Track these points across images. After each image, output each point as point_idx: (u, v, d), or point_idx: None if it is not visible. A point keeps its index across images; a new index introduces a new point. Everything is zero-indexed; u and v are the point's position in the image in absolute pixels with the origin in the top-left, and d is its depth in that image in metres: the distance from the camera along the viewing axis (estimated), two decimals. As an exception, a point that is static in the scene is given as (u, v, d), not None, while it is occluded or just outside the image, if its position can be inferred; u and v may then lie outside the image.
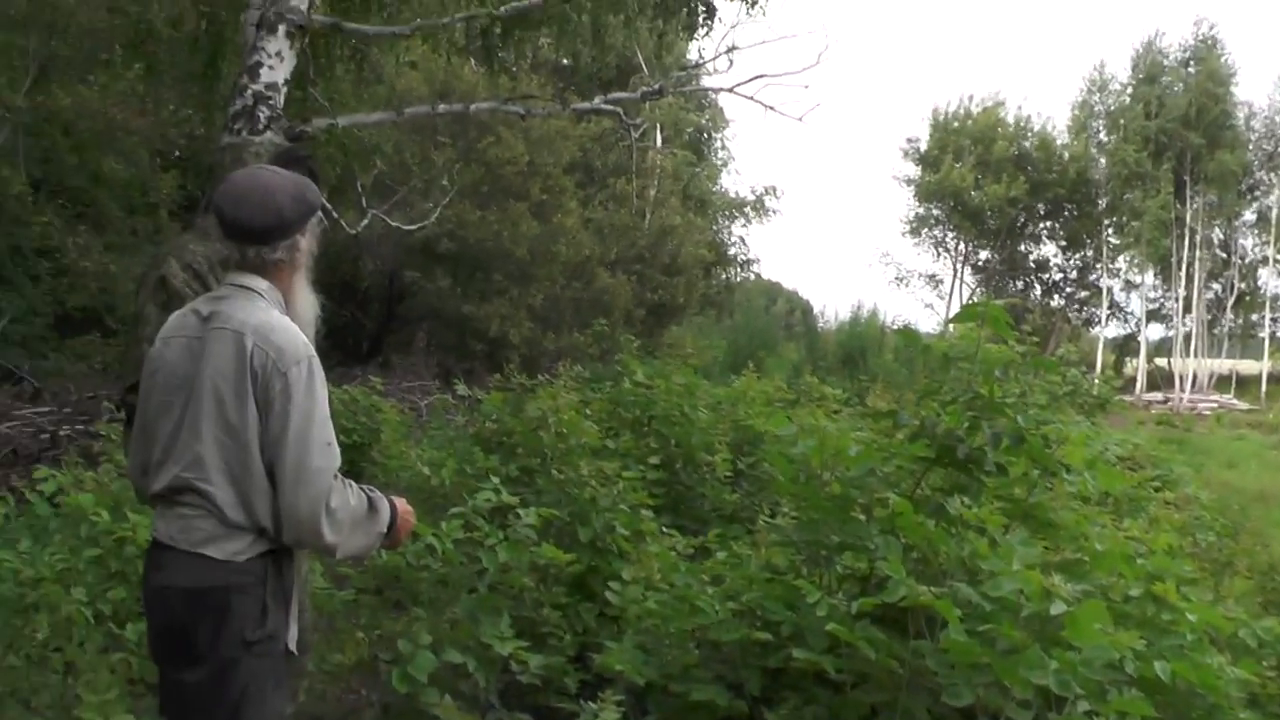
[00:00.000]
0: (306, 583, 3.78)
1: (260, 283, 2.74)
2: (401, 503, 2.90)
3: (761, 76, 12.16)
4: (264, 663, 2.64)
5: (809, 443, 4.06)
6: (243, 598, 2.61)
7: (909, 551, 3.75)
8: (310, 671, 4.01)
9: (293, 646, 2.79)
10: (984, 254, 49.98)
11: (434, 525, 4.71)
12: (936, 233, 49.78)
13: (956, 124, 47.47)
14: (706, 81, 17.07)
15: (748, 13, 13.37)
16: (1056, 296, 50.97)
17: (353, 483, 2.69)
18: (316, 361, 2.67)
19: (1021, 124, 47.77)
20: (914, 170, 49.14)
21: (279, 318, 2.69)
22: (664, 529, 5.60)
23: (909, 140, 50.30)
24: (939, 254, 50.57)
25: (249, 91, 9.18)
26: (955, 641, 3.13)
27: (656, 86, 13.11)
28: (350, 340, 18.47)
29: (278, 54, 9.34)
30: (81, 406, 8.88)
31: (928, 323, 48.24)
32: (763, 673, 3.88)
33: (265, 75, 9.27)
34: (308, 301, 2.90)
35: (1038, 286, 50.79)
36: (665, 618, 4.12)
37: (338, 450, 2.66)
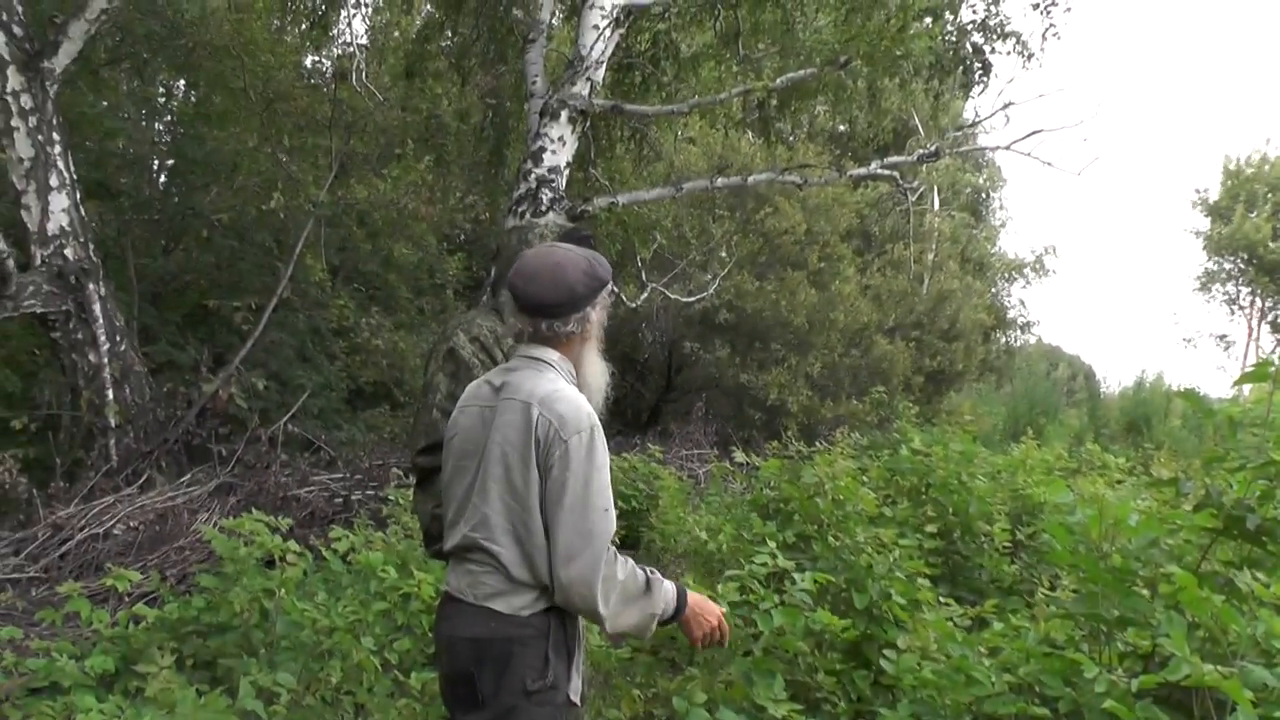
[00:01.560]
0: (584, 637, 3.90)
1: (551, 354, 2.88)
2: (699, 599, 2.96)
3: (1039, 132, 11.95)
4: (543, 711, 2.73)
5: (1087, 511, 3.92)
6: (524, 649, 2.71)
7: (1195, 629, 3.58)
8: (587, 724, 4.14)
9: (575, 697, 2.85)
10: (1283, 310, 45.40)
11: (710, 588, 4.79)
12: (1229, 289, 45.34)
13: (1251, 170, 43.23)
14: (983, 140, 16.92)
15: (1024, 66, 13.17)
16: (1372, 355, 46.38)
17: (629, 559, 2.76)
18: (599, 431, 2.74)
19: (1325, 165, 43.14)
20: (1204, 222, 45.13)
21: (566, 387, 2.80)
22: (940, 599, 5.51)
23: (1198, 190, 47.26)
24: (1232, 312, 46.05)
25: (533, 175, 9.67)
26: (1246, 725, 2.93)
27: (933, 148, 13.03)
28: (629, 410, 18.89)
29: (560, 139, 9.82)
30: (372, 473, 9.39)
31: (1218, 387, 45.06)
32: (1039, 750, 3.74)
33: (548, 159, 9.75)
34: (597, 370, 2.99)
35: (1347, 345, 46.26)
36: (941, 688, 4.05)
37: (614, 517, 2.71)
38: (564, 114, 9.78)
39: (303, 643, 4.60)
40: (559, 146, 9.80)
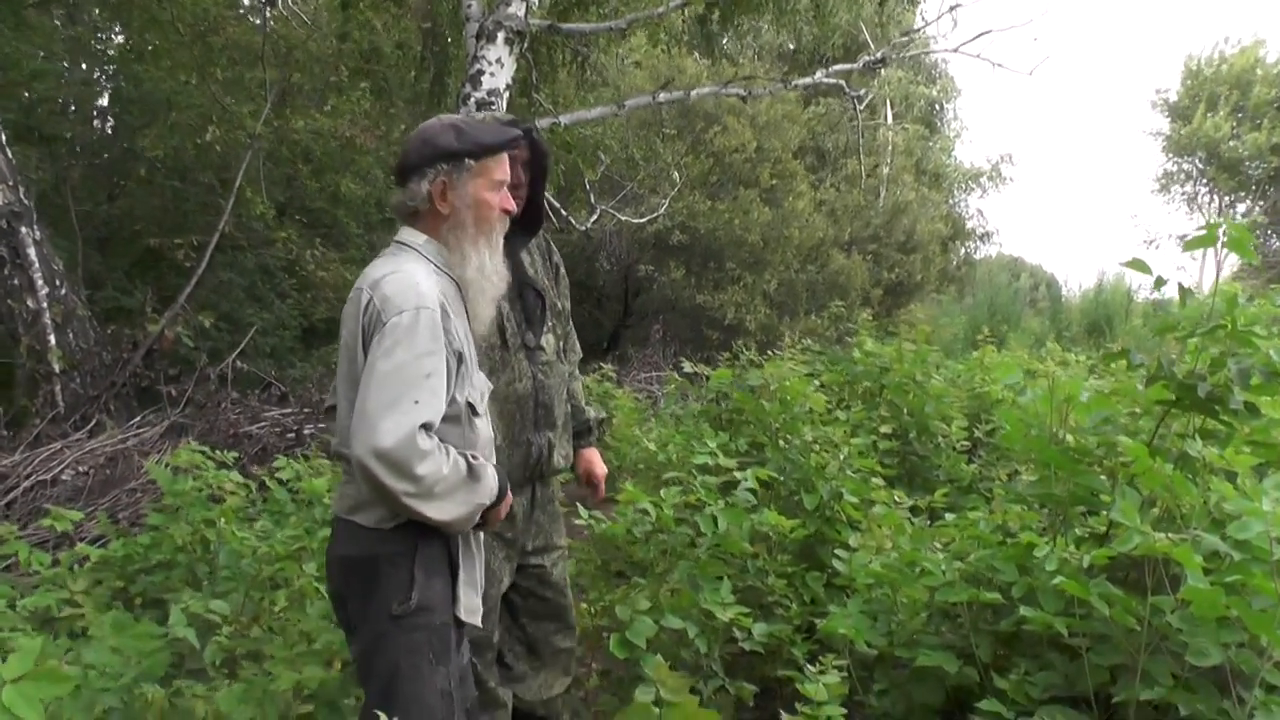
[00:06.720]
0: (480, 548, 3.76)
1: (415, 236, 2.68)
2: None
3: (988, 33, 11.92)
4: (417, 636, 2.50)
5: (1037, 391, 3.82)
6: (392, 568, 2.50)
7: (1150, 506, 3.49)
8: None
9: (467, 617, 2.64)
10: (1242, 207, 43.59)
11: (656, 497, 4.69)
12: (1188, 189, 44.79)
13: (1210, 70, 42.33)
14: (931, 46, 16.73)
15: (971, -36, 13.05)
16: (1329, 249, 46.25)
17: (449, 448, 2.47)
18: (429, 315, 2.46)
19: (1284, 63, 42.33)
20: (1164, 123, 44.39)
21: (409, 269, 2.56)
22: (896, 500, 5.43)
23: (1158, 91, 47.32)
24: (1191, 211, 45.37)
25: (472, 99, 9.48)
26: (1197, 590, 2.79)
27: (879, 55, 12.89)
28: (589, 338, 18.79)
29: (498, 60, 9.61)
30: (322, 405, 9.27)
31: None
32: (994, 638, 3.64)
33: (487, 82, 9.56)
34: (476, 263, 2.69)
35: (1306, 238, 46.12)
36: (892, 582, 3.97)
37: (433, 412, 2.42)
38: (500, 35, 9.57)
39: (244, 572, 4.48)
40: (497, 69, 9.60)
